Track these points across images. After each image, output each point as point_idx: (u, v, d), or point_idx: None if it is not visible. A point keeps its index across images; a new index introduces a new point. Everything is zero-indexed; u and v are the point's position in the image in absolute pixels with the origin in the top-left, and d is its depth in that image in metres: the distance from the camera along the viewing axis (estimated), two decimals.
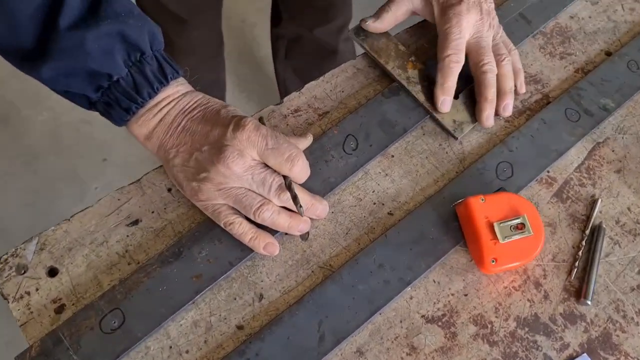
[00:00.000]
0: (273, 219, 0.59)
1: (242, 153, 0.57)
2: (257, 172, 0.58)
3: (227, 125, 0.57)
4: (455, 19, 0.67)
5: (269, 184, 0.58)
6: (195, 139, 0.58)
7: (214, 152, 0.57)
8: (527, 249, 0.59)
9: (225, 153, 0.56)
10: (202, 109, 0.60)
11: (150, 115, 0.59)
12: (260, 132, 0.57)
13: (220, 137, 0.57)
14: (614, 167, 0.68)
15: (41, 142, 1.81)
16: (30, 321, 0.57)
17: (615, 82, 0.72)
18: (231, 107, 0.60)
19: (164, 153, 0.60)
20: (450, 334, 0.58)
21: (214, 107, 0.60)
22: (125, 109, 0.58)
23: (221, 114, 0.59)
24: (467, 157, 0.67)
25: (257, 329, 0.58)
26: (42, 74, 0.55)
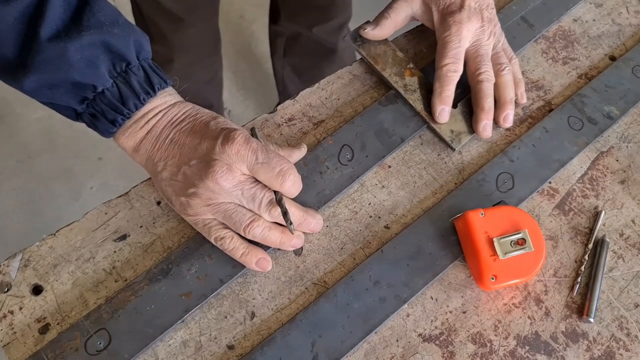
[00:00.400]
0: (264, 236, 0.57)
1: (231, 168, 0.55)
2: (246, 188, 0.56)
3: (216, 138, 0.55)
4: (455, 27, 0.64)
5: (259, 199, 0.56)
6: (184, 152, 0.56)
7: (202, 166, 0.55)
8: (527, 265, 0.57)
9: (213, 168, 0.54)
10: (191, 120, 0.58)
11: (137, 127, 0.57)
12: (250, 146, 0.55)
13: (209, 151, 0.55)
14: (618, 178, 0.66)
15: (36, 140, 1.79)
16: (13, 342, 0.55)
17: (619, 89, 0.70)
18: (221, 118, 0.58)
19: (152, 166, 0.58)
20: (448, 354, 0.56)
21: (203, 118, 0.58)
22: (111, 121, 0.56)
23: (210, 126, 0.57)
24: (467, 168, 0.65)
25: (249, 349, 0.56)
26: (25, 85, 0.53)
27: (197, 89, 1.40)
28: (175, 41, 1.21)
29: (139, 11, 1.18)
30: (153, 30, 1.18)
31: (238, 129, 0.56)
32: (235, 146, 0.54)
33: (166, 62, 1.26)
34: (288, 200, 0.58)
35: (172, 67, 1.27)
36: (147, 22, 1.17)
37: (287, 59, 1.51)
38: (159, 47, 1.22)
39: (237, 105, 1.86)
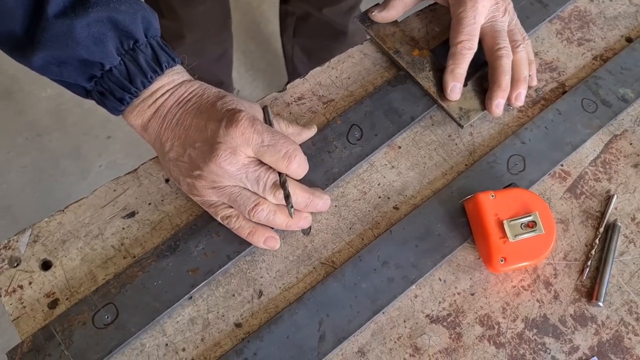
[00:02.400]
0: (269, 219, 0.56)
1: (235, 151, 0.54)
2: (250, 171, 0.55)
3: (220, 121, 0.54)
4: (471, 3, 0.63)
5: (263, 182, 0.55)
6: (189, 134, 0.56)
7: (206, 149, 0.54)
8: (537, 248, 0.56)
9: (217, 152, 0.54)
10: (197, 100, 0.57)
11: (145, 106, 0.56)
12: (254, 129, 0.54)
13: (213, 134, 0.54)
14: (632, 161, 0.65)
15: (45, 118, 1.79)
16: (22, 316, 0.55)
17: (635, 71, 0.68)
18: (229, 97, 0.57)
19: (160, 146, 0.57)
20: (456, 335, 0.56)
21: (210, 98, 0.57)
22: (119, 99, 0.55)
23: (216, 107, 0.56)
24: (478, 149, 0.65)
25: (256, 327, 0.56)
26: (33, 62, 0.52)
27: (207, 65, 1.39)
28: (185, 17, 1.20)
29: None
30: (163, 5, 1.17)
31: (243, 111, 0.55)
32: (239, 129, 0.54)
33: (177, 38, 1.25)
34: (293, 182, 0.57)
35: (183, 43, 1.26)
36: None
37: (297, 39, 1.50)
38: (170, 22, 1.21)
39: (246, 85, 1.85)
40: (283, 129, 0.60)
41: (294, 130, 0.60)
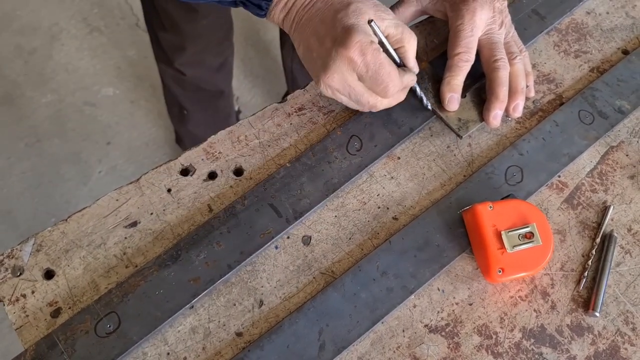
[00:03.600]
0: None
1: (342, 74, 0.58)
2: (354, 93, 0.60)
3: (334, 40, 0.57)
4: (469, 16, 0.64)
5: (363, 103, 0.61)
6: (311, 41, 0.60)
7: (320, 63, 0.59)
8: (535, 259, 0.57)
9: (327, 71, 0.58)
10: (322, 5, 0.60)
11: (278, 10, 0.62)
12: (363, 58, 0.57)
13: (327, 52, 0.58)
14: (628, 173, 0.65)
15: (45, 124, 1.80)
16: (25, 325, 0.56)
17: (631, 83, 0.69)
18: (352, 6, 0.59)
19: (292, 41, 0.63)
20: (454, 344, 0.57)
21: (334, 5, 0.59)
22: (257, 5, 0.61)
23: (336, 19, 0.58)
24: (476, 160, 0.65)
25: (257, 336, 0.56)
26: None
27: (207, 75, 1.40)
28: (188, 30, 1.20)
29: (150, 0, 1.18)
30: (164, 18, 1.18)
31: (356, 35, 0.57)
32: (347, 53, 0.56)
33: (178, 50, 1.26)
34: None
35: (183, 54, 1.27)
36: (158, 10, 1.17)
37: (296, 54, 1.51)
38: (172, 35, 1.22)
39: (245, 92, 1.86)
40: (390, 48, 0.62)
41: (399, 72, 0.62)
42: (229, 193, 0.63)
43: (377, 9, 0.59)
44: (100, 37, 1.93)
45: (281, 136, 0.66)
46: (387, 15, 0.60)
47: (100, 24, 1.95)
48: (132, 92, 1.85)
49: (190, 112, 1.52)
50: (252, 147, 0.66)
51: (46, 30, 1.93)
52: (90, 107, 1.82)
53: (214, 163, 0.64)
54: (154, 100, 1.82)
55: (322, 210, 0.62)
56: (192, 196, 0.63)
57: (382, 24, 0.59)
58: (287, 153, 0.65)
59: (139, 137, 1.77)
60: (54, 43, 1.92)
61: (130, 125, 1.79)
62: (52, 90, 1.84)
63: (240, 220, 0.60)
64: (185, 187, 0.63)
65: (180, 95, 1.47)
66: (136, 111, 1.82)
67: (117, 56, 1.90)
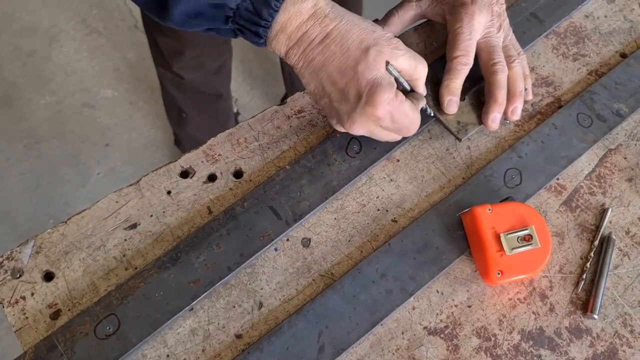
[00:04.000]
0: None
1: (367, 126, 0.59)
2: (376, 133, 0.61)
3: (360, 96, 0.57)
4: (467, 19, 0.64)
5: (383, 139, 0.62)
6: (327, 87, 0.58)
7: (341, 114, 0.59)
8: (534, 261, 0.57)
9: (352, 124, 0.59)
10: (337, 50, 0.57)
11: (281, 42, 0.58)
12: (391, 115, 0.58)
13: (352, 108, 0.58)
14: (626, 175, 0.66)
15: (44, 125, 1.80)
16: (25, 327, 0.56)
17: (629, 86, 0.69)
18: (372, 52, 0.57)
19: (297, 74, 0.60)
20: (453, 347, 0.57)
21: (351, 52, 0.57)
22: (255, 33, 0.57)
23: (359, 72, 0.56)
24: (475, 163, 0.66)
25: (256, 338, 0.57)
26: (175, 21, 0.57)
27: (206, 78, 1.40)
28: (187, 34, 1.20)
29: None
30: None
31: (384, 93, 0.56)
32: (376, 112, 0.57)
33: (176, 54, 1.26)
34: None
35: (182, 58, 1.27)
36: None
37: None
38: (170, 39, 1.22)
39: (244, 94, 1.86)
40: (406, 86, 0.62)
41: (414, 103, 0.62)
42: (229, 195, 0.63)
43: (391, 47, 0.58)
44: (99, 38, 1.93)
45: (281, 138, 0.66)
46: (400, 50, 0.58)
47: (100, 26, 1.95)
48: (131, 94, 1.85)
49: (189, 115, 1.52)
50: (251, 149, 0.66)
51: (45, 32, 1.94)
52: (89, 108, 1.82)
53: (213, 165, 0.65)
54: (153, 102, 1.82)
55: (322, 212, 0.63)
56: (192, 198, 0.63)
57: (397, 62, 0.58)
58: (286, 155, 0.65)
59: (138, 139, 1.77)
60: (53, 44, 1.92)
61: (129, 127, 1.79)
62: (51, 91, 1.84)
63: (239, 222, 0.60)
64: (185, 190, 0.63)
65: (179, 98, 1.47)
66: (135, 113, 1.82)
67: (116, 58, 1.90)
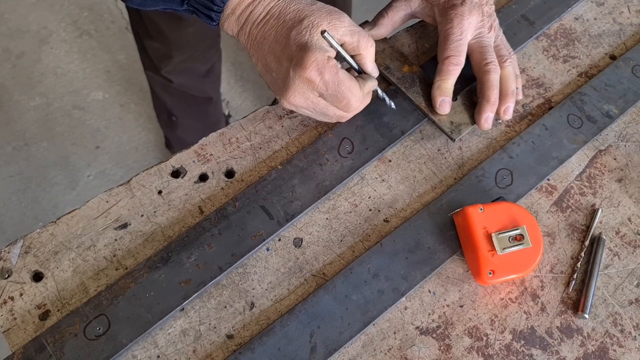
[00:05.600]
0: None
1: (303, 93, 0.58)
2: (318, 108, 0.60)
3: (291, 59, 0.57)
4: (457, 20, 0.65)
5: (329, 115, 0.62)
6: (268, 60, 0.60)
7: (280, 83, 0.59)
8: (525, 261, 0.57)
9: (287, 91, 0.58)
10: (274, 23, 0.59)
11: (232, 23, 0.61)
12: (322, 77, 0.57)
13: (286, 73, 0.58)
14: (616, 176, 0.66)
15: (33, 127, 1.78)
16: (13, 327, 0.55)
17: (619, 88, 0.70)
18: (305, 21, 0.58)
19: (249, 55, 0.62)
20: (445, 346, 0.57)
21: (287, 23, 0.59)
22: (208, 16, 0.60)
23: (290, 39, 0.58)
24: (466, 163, 0.66)
25: (248, 338, 0.56)
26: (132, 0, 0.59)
27: (194, 82, 1.39)
28: (174, 38, 1.20)
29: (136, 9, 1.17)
30: (150, 27, 1.17)
31: (312, 54, 0.56)
32: (305, 74, 0.57)
33: (164, 58, 1.25)
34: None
35: (170, 62, 1.26)
36: (144, 18, 1.16)
37: None
38: (157, 43, 1.21)
39: (236, 96, 1.86)
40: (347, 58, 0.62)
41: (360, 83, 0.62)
42: (220, 195, 0.63)
43: (331, 18, 0.58)
44: (90, 40, 1.92)
45: (272, 138, 0.66)
46: (342, 23, 0.59)
47: (90, 28, 1.94)
48: (122, 96, 1.84)
49: (179, 119, 1.52)
50: (243, 149, 0.65)
51: (35, 34, 1.92)
52: (80, 110, 1.81)
53: (205, 165, 0.64)
54: (144, 104, 1.81)
55: (314, 212, 0.63)
56: (183, 198, 0.62)
57: (337, 33, 0.58)
58: (278, 155, 0.65)
59: (129, 141, 1.76)
60: (43, 46, 1.90)
61: (119, 129, 1.78)
62: (40, 93, 1.83)
63: (231, 222, 0.60)
64: (176, 189, 0.63)
65: (169, 102, 1.46)
66: (126, 115, 1.81)
67: (107, 60, 1.89)
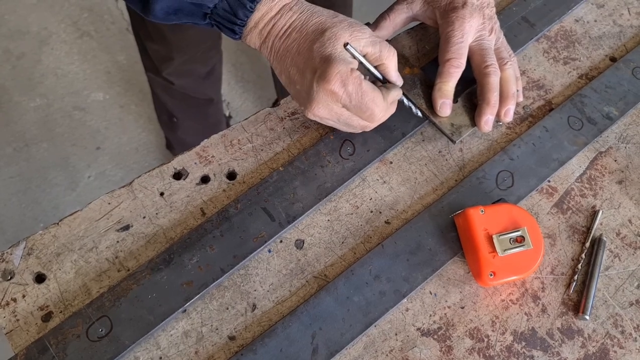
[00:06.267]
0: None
1: (327, 105, 0.59)
2: (342, 119, 0.61)
3: (314, 72, 0.58)
4: (458, 22, 0.65)
5: (354, 126, 0.62)
6: (291, 73, 0.60)
7: (304, 96, 0.60)
8: (526, 262, 0.58)
9: (312, 103, 0.59)
10: (297, 36, 0.60)
11: (254, 37, 0.61)
12: (345, 89, 0.57)
13: (309, 85, 0.58)
14: (616, 178, 0.66)
15: (33, 128, 1.79)
16: (16, 329, 0.55)
17: (619, 90, 0.70)
18: (327, 34, 0.58)
19: (272, 67, 0.63)
20: (446, 348, 0.57)
21: (309, 36, 0.59)
22: (231, 30, 0.61)
23: (313, 51, 0.58)
24: (467, 165, 0.66)
25: (250, 340, 0.56)
26: (156, 15, 0.59)
27: (195, 83, 1.40)
28: (175, 40, 1.20)
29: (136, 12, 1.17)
30: (151, 29, 1.17)
31: (335, 66, 0.57)
32: (330, 86, 0.57)
33: (165, 60, 1.25)
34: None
35: (171, 64, 1.26)
36: (146, 21, 1.16)
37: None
38: (158, 46, 1.21)
39: (237, 97, 1.86)
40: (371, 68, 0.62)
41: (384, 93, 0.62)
42: (222, 197, 0.63)
43: (352, 30, 0.59)
44: (90, 41, 1.92)
45: (274, 140, 0.66)
46: (363, 34, 0.59)
47: (91, 29, 1.94)
48: (122, 97, 1.84)
49: (180, 120, 1.52)
50: (245, 151, 0.66)
51: (35, 35, 1.92)
52: (80, 111, 1.81)
53: (206, 167, 0.65)
54: (144, 105, 1.81)
55: (315, 214, 0.63)
56: (185, 200, 0.62)
57: (359, 44, 0.59)
58: (280, 157, 0.65)
59: (129, 142, 1.76)
60: (43, 47, 1.91)
61: (119, 130, 1.79)
62: (40, 94, 1.83)
63: (233, 224, 0.60)
64: (178, 191, 0.63)
65: (170, 103, 1.46)
66: (126, 116, 1.81)
67: (107, 61, 1.89)
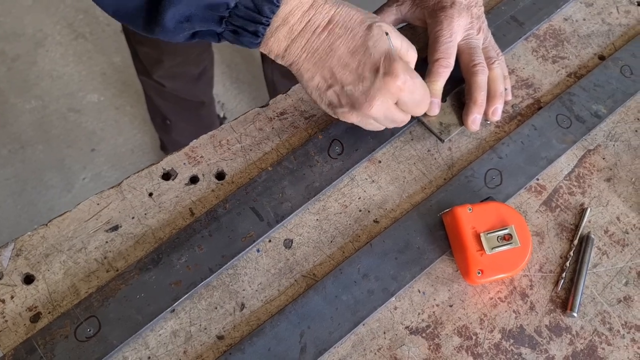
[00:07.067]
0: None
1: (386, 102, 0.57)
2: (390, 113, 0.59)
3: (376, 70, 0.56)
4: (447, 22, 0.65)
5: (397, 121, 0.61)
6: (335, 71, 0.56)
7: (358, 95, 0.57)
8: (514, 260, 0.58)
9: (371, 101, 0.56)
10: (341, 32, 0.56)
11: (281, 36, 0.56)
12: (407, 86, 0.56)
13: (370, 84, 0.56)
14: (604, 176, 0.67)
15: (29, 130, 1.79)
16: (4, 330, 0.55)
17: (607, 88, 0.70)
18: (375, 29, 0.56)
19: (297, 71, 0.59)
20: (434, 346, 0.57)
21: (357, 31, 0.56)
22: (253, 33, 0.55)
23: (369, 47, 0.56)
24: (456, 164, 0.66)
25: (238, 339, 0.57)
26: (166, 26, 0.53)
27: (186, 86, 1.40)
28: (165, 43, 1.20)
29: None
30: None
31: (399, 62, 0.55)
32: (397, 82, 0.56)
33: (156, 63, 1.25)
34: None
35: (161, 67, 1.26)
36: None
37: (276, 65, 1.50)
38: (148, 48, 1.21)
39: (231, 98, 1.86)
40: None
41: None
42: (211, 197, 0.63)
43: (385, 23, 0.58)
44: (85, 43, 1.92)
45: (263, 140, 0.67)
46: (392, 29, 0.58)
47: (86, 31, 1.95)
48: (118, 99, 1.84)
49: (173, 122, 1.52)
50: (233, 151, 0.66)
51: (30, 37, 1.92)
52: (75, 113, 1.81)
53: (195, 167, 0.65)
54: (139, 107, 1.81)
55: (304, 213, 0.63)
56: (174, 200, 0.63)
57: (392, 39, 0.58)
58: (268, 157, 0.66)
59: (124, 144, 1.76)
60: (39, 49, 1.91)
61: (115, 132, 1.79)
62: (36, 96, 1.83)
63: (221, 223, 0.60)
64: (166, 191, 0.63)
65: (162, 105, 1.46)
66: (121, 117, 1.81)
67: (103, 62, 1.89)
